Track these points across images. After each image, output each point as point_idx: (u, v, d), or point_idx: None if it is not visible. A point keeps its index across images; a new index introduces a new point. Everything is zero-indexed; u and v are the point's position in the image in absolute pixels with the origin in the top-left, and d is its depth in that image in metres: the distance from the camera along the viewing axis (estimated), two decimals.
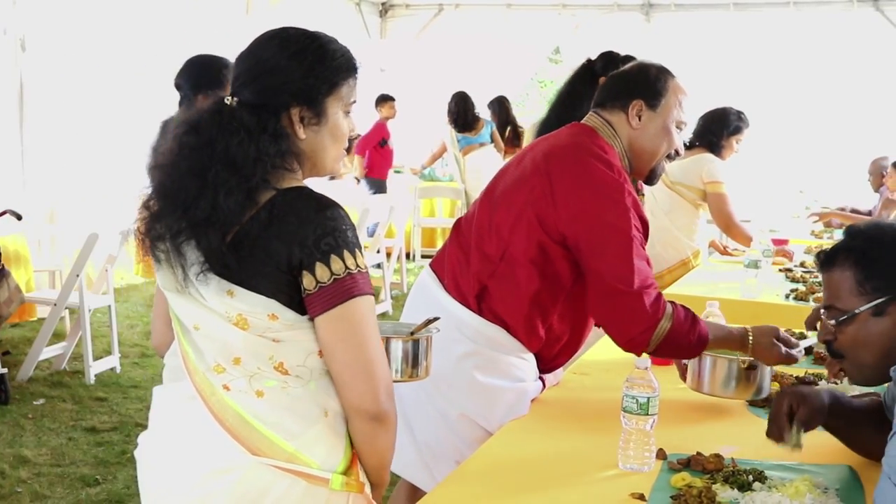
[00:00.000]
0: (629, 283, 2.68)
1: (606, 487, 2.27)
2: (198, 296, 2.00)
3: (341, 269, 1.95)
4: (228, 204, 1.95)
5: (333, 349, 1.98)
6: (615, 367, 3.11)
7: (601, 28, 11.91)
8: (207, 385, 2.02)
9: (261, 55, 2.08)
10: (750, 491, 2.19)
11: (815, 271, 5.64)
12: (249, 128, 1.99)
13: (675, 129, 2.96)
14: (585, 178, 2.79)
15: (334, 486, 2.01)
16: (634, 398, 2.32)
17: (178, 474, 2.05)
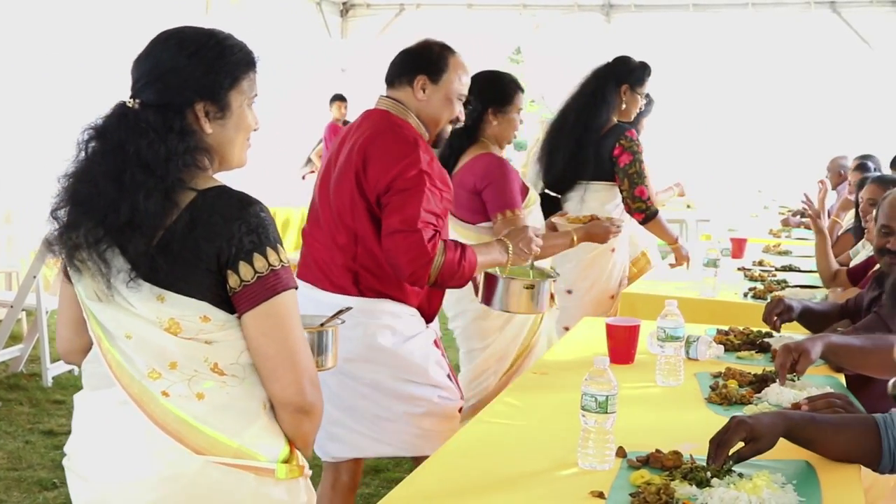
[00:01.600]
0: (412, 225, 3.07)
1: (566, 486, 2.28)
2: (125, 304, 2.01)
3: (264, 266, 2.00)
4: (148, 206, 1.95)
5: (259, 343, 2.02)
6: (574, 367, 3.11)
7: (562, 28, 11.95)
8: (144, 392, 2.01)
9: (160, 56, 2.09)
10: (708, 487, 2.20)
11: (772, 270, 5.70)
12: (156, 128, 2.00)
13: (457, 100, 3.34)
14: (388, 146, 3.19)
15: (280, 476, 2.07)
16: (593, 396, 2.33)
17: (119, 483, 2.04)
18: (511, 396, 3.02)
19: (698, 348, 3.41)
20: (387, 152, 3.18)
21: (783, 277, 5.39)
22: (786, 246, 6.85)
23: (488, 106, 4.15)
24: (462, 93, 3.36)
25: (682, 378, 3.14)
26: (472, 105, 3.95)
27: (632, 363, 3.34)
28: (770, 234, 7.86)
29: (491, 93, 4.15)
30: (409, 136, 3.21)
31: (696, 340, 3.42)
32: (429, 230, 3.09)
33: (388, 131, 3.24)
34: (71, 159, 2.07)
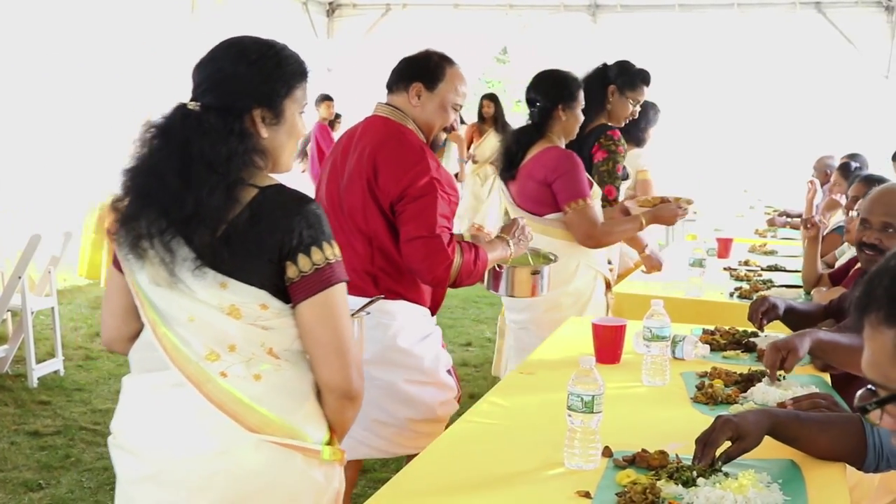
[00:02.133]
0: (431, 231, 3.22)
1: (552, 486, 2.28)
2: (187, 290, 2.16)
3: (321, 259, 2.16)
4: (212, 201, 2.11)
5: (313, 331, 2.18)
6: (561, 367, 3.11)
7: (548, 28, 11.95)
8: (201, 373, 2.15)
9: (222, 63, 2.24)
10: (694, 487, 2.20)
11: (758, 270, 5.72)
12: (218, 129, 2.15)
13: (452, 109, 3.47)
14: (399, 154, 3.32)
15: (325, 457, 2.23)
16: (579, 396, 2.34)
17: (173, 459, 2.18)
18: (497, 396, 3.02)
19: (684, 348, 3.42)
20: (396, 161, 3.31)
21: (769, 277, 5.42)
22: (771, 246, 6.87)
23: (558, 103, 4.39)
24: (457, 102, 3.48)
25: (668, 378, 3.14)
26: (540, 103, 4.40)
27: (618, 363, 3.35)
28: (756, 234, 7.89)
29: (560, 90, 4.41)
30: (415, 144, 3.35)
31: (682, 340, 3.43)
32: (446, 234, 3.26)
33: (394, 139, 3.37)
34: (132, 155, 2.22)
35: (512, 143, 4.52)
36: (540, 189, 4.35)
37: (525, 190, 4.40)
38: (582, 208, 4.26)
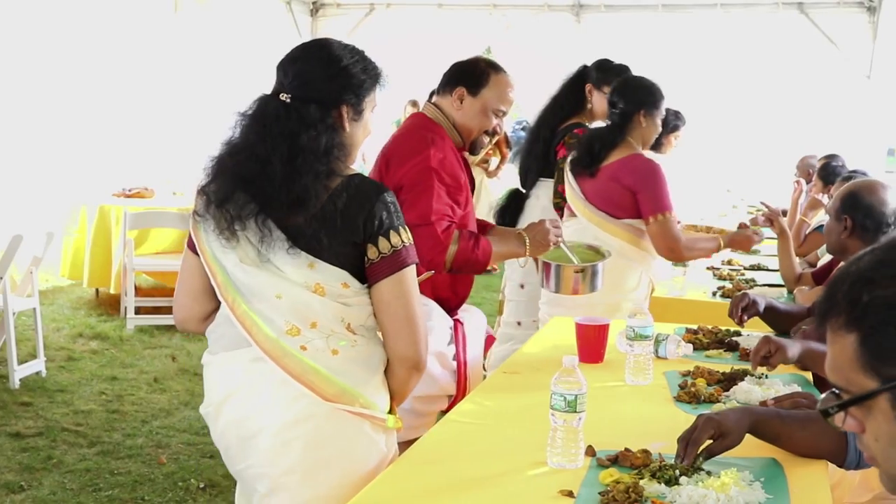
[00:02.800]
0: (426, 219, 3.35)
1: (535, 485, 2.28)
2: (275, 269, 2.39)
3: (398, 242, 2.42)
4: (316, 187, 2.36)
5: (390, 306, 2.43)
6: (545, 366, 3.12)
7: (532, 28, 11.96)
8: (279, 348, 2.37)
9: (316, 63, 2.48)
10: (677, 485, 2.21)
11: (741, 269, 5.74)
12: (317, 122, 2.40)
13: (493, 114, 3.60)
14: (403, 146, 3.52)
15: (389, 425, 2.50)
16: (562, 395, 2.34)
17: (257, 426, 2.41)
18: (481, 396, 3.01)
19: (667, 347, 3.43)
20: (400, 151, 3.51)
21: (752, 276, 5.44)
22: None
23: (641, 108, 4.48)
24: (499, 108, 3.62)
25: (651, 377, 3.15)
26: (623, 106, 4.49)
27: (601, 362, 3.35)
28: None
29: (644, 96, 4.49)
30: (425, 136, 3.51)
31: (665, 339, 3.44)
32: (443, 222, 3.40)
33: (407, 131, 3.61)
34: (224, 142, 2.46)
35: (595, 141, 4.56)
36: (624, 194, 4.42)
37: (605, 191, 4.44)
38: (665, 221, 4.34)
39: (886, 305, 1.32)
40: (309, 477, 2.41)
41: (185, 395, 6.10)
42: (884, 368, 1.33)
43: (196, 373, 6.56)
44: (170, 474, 4.80)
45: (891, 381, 1.32)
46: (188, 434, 5.38)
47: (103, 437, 5.24)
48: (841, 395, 1.39)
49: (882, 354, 1.32)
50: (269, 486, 2.45)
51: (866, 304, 1.33)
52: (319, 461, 2.41)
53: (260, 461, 2.44)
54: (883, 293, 1.32)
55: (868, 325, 1.33)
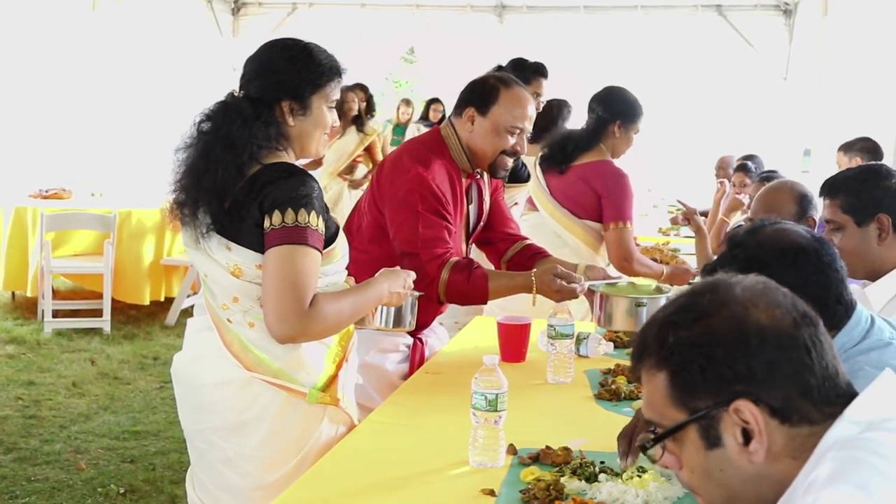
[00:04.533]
0: (413, 247, 3.24)
1: (457, 484, 2.28)
2: (208, 250, 2.55)
3: (292, 219, 2.46)
4: (224, 177, 2.49)
5: (266, 274, 2.48)
6: (467, 365, 3.12)
7: (455, 28, 11.99)
8: (219, 320, 2.60)
9: (264, 58, 2.66)
10: (597, 482, 2.23)
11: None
12: (246, 116, 2.54)
13: (507, 133, 3.36)
14: (399, 161, 3.38)
15: (310, 400, 2.60)
16: (483, 395, 2.35)
17: (197, 383, 2.65)
18: (403, 396, 3.01)
19: (588, 345, 3.46)
20: (391, 171, 3.37)
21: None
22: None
23: (617, 118, 4.51)
24: (514, 125, 3.37)
25: (573, 375, 3.18)
26: (601, 114, 4.52)
27: (523, 361, 3.37)
28: (659, 233, 8.01)
29: (623, 108, 4.53)
30: (421, 155, 3.35)
31: (587, 338, 3.47)
32: (432, 250, 3.25)
33: (410, 145, 3.51)
34: (186, 136, 2.61)
35: (568, 141, 4.59)
36: (590, 196, 4.46)
37: (572, 190, 4.48)
38: (624, 230, 4.40)
39: (689, 345, 1.43)
40: (233, 435, 2.59)
41: (104, 399, 6.00)
42: (691, 402, 1.43)
43: (116, 377, 6.47)
44: (89, 480, 4.72)
45: (697, 412, 1.42)
46: (108, 439, 5.29)
47: (20, 444, 5.13)
48: (656, 431, 1.49)
49: (688, 389, 1.43)
50: (204, 441, 2.65)
51: (672, 344, 1.45)
52: (239, 423, 2.58)
53: (198, 418, 2.66)
54: (686, 334, 1.44)
55: (675, 363, 1.44)
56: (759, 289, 1.46)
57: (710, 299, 1.45)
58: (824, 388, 1.41)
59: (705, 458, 1.44)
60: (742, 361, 1.39)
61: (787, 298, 1.46)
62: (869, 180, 2.90)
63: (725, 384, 1.40)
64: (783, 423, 1.40)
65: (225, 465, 2.62)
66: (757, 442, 1.40)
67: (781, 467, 1.41)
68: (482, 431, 2.37)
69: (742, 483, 1.43)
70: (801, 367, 1.40)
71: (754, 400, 1.39)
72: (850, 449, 1.32)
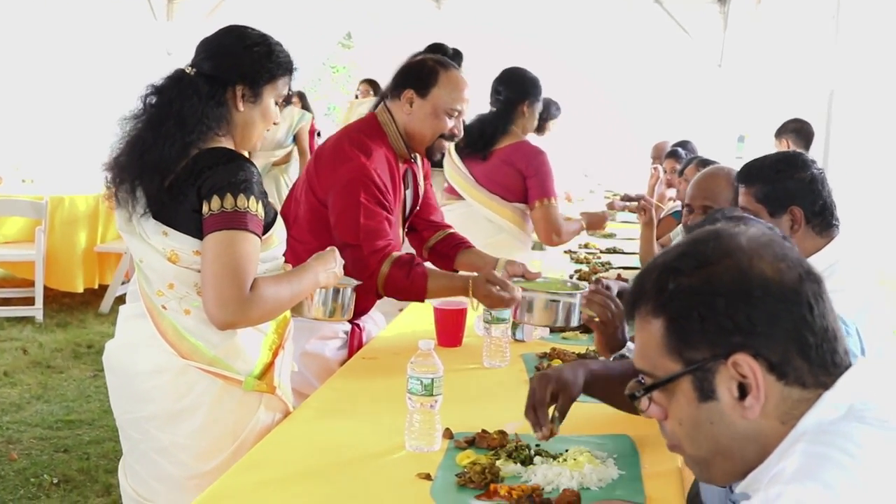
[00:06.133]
0: (355, 238, 3.22)
1: (393, 469, 2.29)
2: (143, 234, 2.51)
3: (231, 205, 2.43)
4: (171, 153, 2.46)
5: (204, 260, 2.45)
6: (403, 351, 3.12)
7: (393, 13, 11.93)
8: (153, 306, 2.55)
9: (224, 41, 2.65)
10: (532, 465, 2.24)
11: (597, 252, 5.85)
12: (201, 93, 2.53)
13: (446, 115, 3.36)
14: (337, 149, 3.36)
15: (246, 387, 2.58)
16: (419, 379, 2.35)
17: (131, 372, 2.60)
18: (339, 382, 3.01)
19: (524, 330, 3.47)
20: (331, 159, 3.33)
21: (608, 259, 5.55)
22: (611, 229, 7.03)
23: (525, 98, 4.62)
24: (454, 107, 3.38)
25: (509, 359, 3.19)
26: (507, 95, 4.65)
27: (459, 346, 3.38)
28: None
29: (527, 88, 4.64)
30: (362, 145, 3.30)
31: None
32: (374, 242, 3.24)
33: (346, 137, 3.39)
34: (133, 110, 2.58)
35: (486, 126, 4.64)
36: (515, 178, 4.56)
37: (498, 174, 4.56)
38: (550, 206, 4.54)
39: (690, 292, 1.39)
40: (168, 424, 2.57)
41: (37, 388, 5.91)
42: (687, 352, 1.39)
43: (49, 365, 6.38)
44: (21, 470, 4.65)
45: (693, 364, 1.39)
46: (41, 429, 5.22)
47: None
48: (645, 381, 1.46)
49: (686, 339, 1.40)
50: (138, 430, 2.62)
51: (672, 291, 1.41)
52: (174, 411, 2.56)
53: (132, 407, 2.62)
54: (688, 281, 1.40)
55: (673, 310, 1.41)
56: (765, 240, 1.42)
57: (714, 247, 1.41)
58: (822, 350, 1.38)
59: (697, 411, 1.41)
60: (743, 313, 1.35)
61: (793, 252, 1.42)
62: (785, 171, 2.93)
63: (725, 335, 1.36)
64: (779, 380, 1.37)
65: (159, 455, 2.59)
66: (753, 397, 1.37)
67: (769, 430, 1.39)
68: (418, 416, 2.37)
69: (730, 439, 1.41)
70: (801, 323, 1.37)
71: (753, 354, 1.35)
72: (820, 444, 1.30)
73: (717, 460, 1.45)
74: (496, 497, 2.08)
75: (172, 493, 2.58)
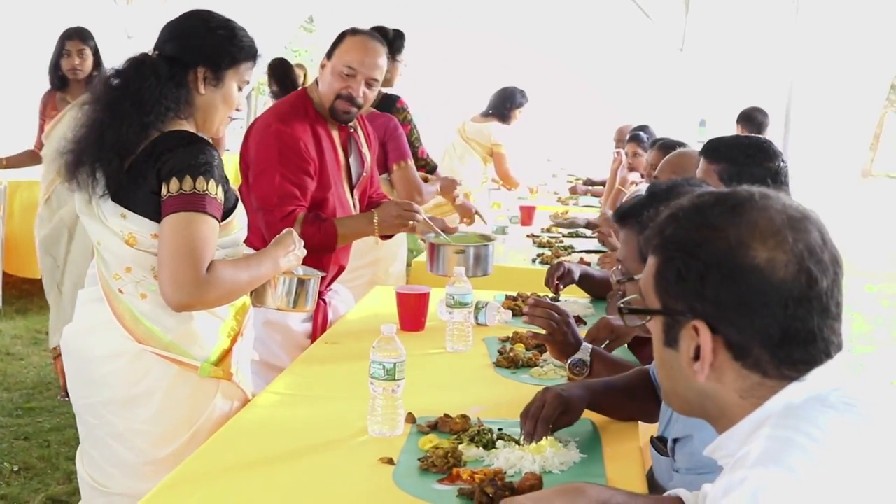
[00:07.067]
0: (269, 203, 3.33)
1: (356, 454, 2.29)
2: (102, 217, 2.50)
3: (190, 187, 2.43)
4: (129, 134, 2.45)
5: (161, 241, 2.44)
6: (365, 335, 3.09)
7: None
8: (110, 290, 2.54)
9: (187, 23, 2.65)
10: (494, 449, 2.25)
11: (560, 236, 5.87)
12: (160, 75, 2.52)
13: (340, 74, 3.42)
14: (259, 119, 3.49)
15: (202, 373, 2.58)
16: (381, 364, 2.35)
17: (87, 357, 2.59)
18: (301, 367, 3.00)
19: (487, 314, 3.48)
20: (256, 132, 3.44)
21: (570, 243, 5.56)
22: (573, 213, 7.06)
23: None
24: (348, 65, 3.42)
25: (471, 343, 3.19)
26: None
27: (422, 330, 3.38)
28: (558, 202, 8.09)
29: None
30: (279, 111, 3.47)
31: (485, 306, 3.49)
32: (284, 207, 3.33)
33: (271, 110, 3.54)
34: (93, 92, 2.62)
35: None
36: (380, 150, 4.54)
37: None
38: (407, 168, 4.65)
39: (680, 247, 1.41)
40: (123, 409, 2.55)
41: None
42: (666, 297, 1.44)
43: (8, 352, 6.32)
44: None
45: (667, 310, 1.44)
46: (0, 416, 5.17)
47: None
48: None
49: (667, 287, 1.43)
50: (94, 415, 2.60)
51: (667, 237, 1.44)
52: (130, 397, 2.55)
53: (88, 392, 2.61)
54: (682, 234, 1.42)
55: (662, 255, 1.44)
56: (779, 224, 1.37)
57: (723, 212, 1.39)
58: (790, 349, 1.36)
59: (661, 350, 1.47)
60: (715, 288, 1.36)
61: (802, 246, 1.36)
62: (755, 155, 2.96)
63: (693, 299, 1.38)
64: (736, 360, 1.38)
65: (115, 440, 2.58)
66: (700, 364, 1.39)
67: (727, 398, 1.41)
68: (380, 401, 2.37)
69: (686, 388, 1.46)
70: (772, 320, 1.35)
71: (712, 327, 1.37)
72: (784, 428, 1.31)
73: (674, 397, 1.52)
74: (458, 481, 2.09)
75: (128, 478, 2.56)
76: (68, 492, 4.26)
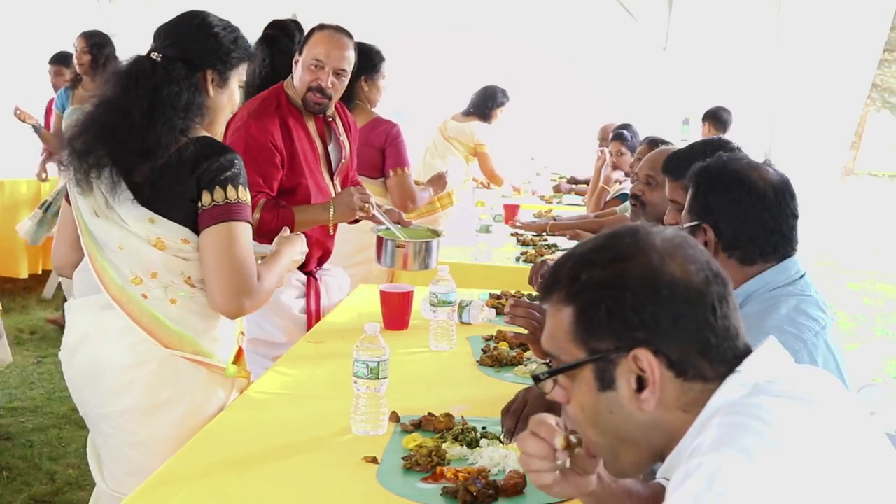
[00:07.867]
0: None
1: (340, 453, 2.29)
2: (120, 220, 2.48)
3: (222, 197, 2.47)
4: (168, 139, 2.45)
5: (207, 254, 2.48)
6: (349, 334, 3.11)
7: None
8: (125, 294, 2.49)
9: (189, 27, 2.61)
10: (478, 448, 2.26)
11: (544, 235, 5.88)
12: (180, 79, 2.51)
13: (308, 67, 3.54)
14: (232, 123, 3.49)
15: (228, 374, 2.62)
16: (365, 363, 2.35)
17: (104, 366, 2.53)
18: (285, 366, 3.00)
19: (471, 312, 3.49)
20: (230, 124, 3.45)
21: (554, 242, 5.57)
22: (557, 211, 7.06)
23: (361, 74, 4.61)
24: (315, 58, 3.54)
25: (455, 342, 3.20)
26: None
27: (406, 329, 3.39)
28: (542, 200, 8.10)
29: (363, 62, 4.49)
30: (255, 108, 3.55)
31: (469, 305, 3.50)
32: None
33: (245, 106, 3.57)
34: (94, 95, 2.58)
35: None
36: (376, 155, 4.66)
37: (362, 156, 4.53)
38: (404, 175, 4.66)
39: (601, 285, 1.43)
40: (146, 417, 2.53)
41: None
42: (592, 342, 1.44)
43: None
44: None
45: (597, 354, 1.43)
46: None
47: None
48: (551, 364, 1.51)
49: (592, 329, 1.44)
50: (111, 425, 2.57)
51: (584, 282, 1.45)
52: (155, 403, 2.53)
53: (104, 402, 2.56)
54: (600, 274, 1.44)
55: (583, 301, 1.45)
56: (678, 242, 1.46)
57: (629, 243, 1.45)
58: (722, 348, 1.43)
59: (596, 399, 1.46)
60: (649, 311, 1.40)
61: (703, 255, 1.46)
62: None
63: (629, 330, 1.40)
64: (678, 377, 1.42)
65: (132, 448, 2.56)
66: (650, 392, 1.41)
67: (672, 418, 1.43)
68: (364, 400, 2.38)
69: (632, 427, 1.45)
70: (704, 325, 1.41)
71: (654, 350, 1.40)
72: (734, 415, 1.34)
73: (622, 448, 1.49)
74: (442, 480, 2.09)
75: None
76: (51, 492, 4.25)
